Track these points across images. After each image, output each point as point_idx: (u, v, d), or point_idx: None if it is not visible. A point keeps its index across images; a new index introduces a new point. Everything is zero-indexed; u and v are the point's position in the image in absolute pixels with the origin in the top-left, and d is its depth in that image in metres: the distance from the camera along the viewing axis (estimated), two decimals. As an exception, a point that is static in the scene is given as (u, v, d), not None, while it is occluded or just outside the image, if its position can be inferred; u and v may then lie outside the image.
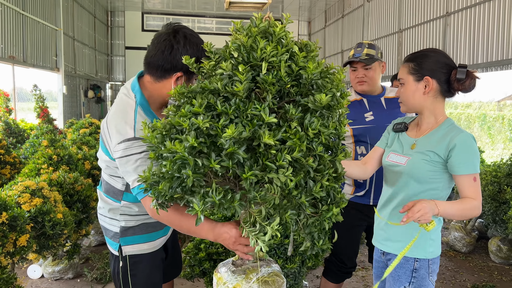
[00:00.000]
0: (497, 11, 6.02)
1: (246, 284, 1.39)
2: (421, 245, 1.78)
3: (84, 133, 5.11)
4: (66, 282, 3.74)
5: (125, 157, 1.59)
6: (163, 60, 1.64)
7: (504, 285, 3.82)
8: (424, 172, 1.74)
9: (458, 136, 1.70)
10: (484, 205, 4.29)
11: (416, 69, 1.76)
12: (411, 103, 1.80)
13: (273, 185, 1.18)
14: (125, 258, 1.84)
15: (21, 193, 2.98)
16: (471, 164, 1.68)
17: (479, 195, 1.69)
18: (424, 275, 1.80)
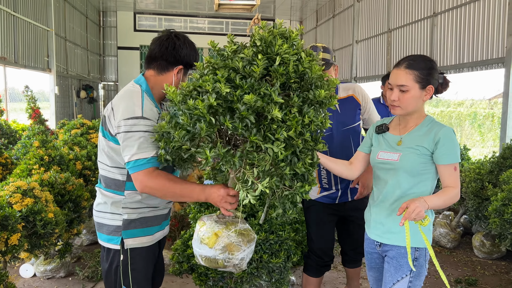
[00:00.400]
0: (482, 12, 6.15)
1: (226, 232, 1.68)
2: (418, 234, 1.92)
3: (75, 133, 5.16)
4: (58, 280, 3.80)
5: (130, 132, 1.75)
6: (167, 55, 1.90)
7: (486, 279, 3.93)
8: (416, 165, 1.91)
9: (442, 130, 1.89)
10: (468, 202, 4.40)
11: (423, 78, 1.90)
12: (412, 108, 1.94)
13: (267, 153, 1.45)
14: (126, 251, 1.91)
15: (12, 193, 3.04)
16: (453, 154, 1.87)
17: (458, 183, 1.89)
18: (422, 263, 1.96)
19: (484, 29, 6.09)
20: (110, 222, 1.93)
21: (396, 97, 1.92)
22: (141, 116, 1.77)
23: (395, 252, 1.99)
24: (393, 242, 1.98)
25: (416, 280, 1.95)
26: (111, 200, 1.92)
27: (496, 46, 5.83)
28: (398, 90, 1.92)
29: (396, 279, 1.96)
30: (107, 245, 1.95)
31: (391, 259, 2.00)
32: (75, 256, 4.21)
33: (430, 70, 1.92)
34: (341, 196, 2.70)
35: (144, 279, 1.98)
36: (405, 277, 1.94)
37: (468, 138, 16.64)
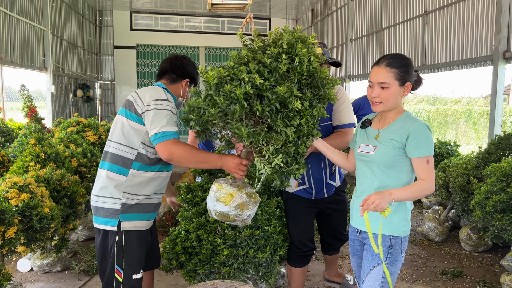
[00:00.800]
0: (471, 11, 6.26)
1: (239, 193, 2.07)
2: (396, 223, 2.05)
3: (71, 131, 5.24)
4: (55, 274, 3.89)
5: (159, 109, 2.12)
6: (176, 70, 2.42)
7: (472, 270, 4.05)
8: (390, 157, 2.01)
9: (413, 125, 2.00)
10: (455, 196, 4.51)
11: (402, 75, 2.01)
12: (392, 104, 2.05)
13: (281, 135, 1.86)
14: (122, 233, 2.14)
15: (9, 188, 3.13)
16: (423, 148, 1.96)
17: (431, 176, 1.97)
18: (398, 251, 2.08)
19: (473, 27, 6.20)
20: (109, 205, 2.16)
21: (377, 94, 2.03)
22: (167, 99, 2.18)
23: (370, 240, 2.09)
24: (368, 229, 2.08)
25: (392, 267, 2.06)
26: (114, 183, 2.15)
27: (485, 44, 5.94)
28: (379, 87, 2.02)
29: (373, 265, 2.07)
30: (104, 227, 2.16)
31: (368, 246, 2.13)
32: (71, 251, 4.30)
33: (407, 67, 2.03)
34: (316, 193, 2.84)
35: (135, 261, 2.18)
36: (380, 263, 2.05)
37: (463, 135, 16.78)
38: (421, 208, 6.32)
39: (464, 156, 5.34)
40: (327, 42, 12.42)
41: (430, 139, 1.99)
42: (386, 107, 2.06)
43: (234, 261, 2.61)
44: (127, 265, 2.16)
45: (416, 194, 1.96)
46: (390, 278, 2.06)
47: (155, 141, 2.08)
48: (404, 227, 2.08)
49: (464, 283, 3.76)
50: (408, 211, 2.11)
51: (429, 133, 2.00)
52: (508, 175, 3.40)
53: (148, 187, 2.23)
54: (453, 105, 20.79)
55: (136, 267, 2.21)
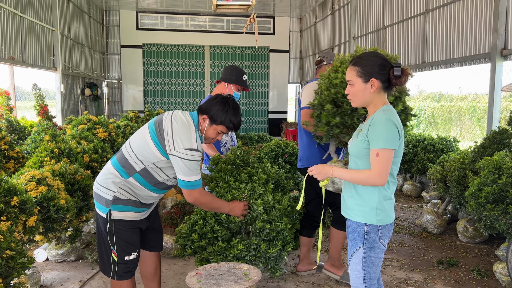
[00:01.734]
0: (470, 9, 6.39)
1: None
2: (368, 213, 2.18)
3: (82, 128, 5.45)
4: (69, 264, 4.11)
5: (188, 160, 2.31)
6: (214, 115, 2.51)
7: (467, 260, 4.21)
8: (359, 149, 2.16)
9: (376, 118, 2.09)
10: (451, 189, 4.67)
11: (363, 72, 2.11)
12: (361, 100, 2.18)
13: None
14: (112, 221, 2.40)
15: (28, 181, 3.35)
16: (376, 140, 2.05)
17: (378, 168, 2.05)
18: (374, 238, 2.18)
19: (472, 25, 6.33)
20: (104, 195, 2.42)
21: (348, 91, 2.21)
22: (196, 149, 2.34)
23: (351, 228, 2.25)
24: (348, 217, 2.26)
25: (371, 252, 2.18)
26: (112, 179, 2.40)
27: (483, 42, 6.08)
28: (349, 85, 2.20)
29: (353, 250, 2.23)
30: (100, 213, 2.45)
31: (349, 233, 2.28)
32: (84, 242, 4.51)
33: (373, 66, 2.11)
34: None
35: (126, 245, 2.44)
36: (359, 249, 2.19)
37: (468, 132, 16.84)
38: (421, 202, 6.48)
39: (462, 151, 5.50)
40: (331, 40, 12.57)
41: (386, 133, 2.03)
42: (356, 103, 2.19)
43: (246, 253, 2.79)
44: (119, 248, 2.43)
45: (355, 179, 2.12)
46: (372, 262, 2.20)
47: (182, 186, 2.37)
48: (377, 216, 2.16)
49: (459, 272, 3.92)
50: (381, 200, 2.16)
51: (388, 126, 2.04)
52: (500, 168, 3.56)
53: (141, 195, 2.47)
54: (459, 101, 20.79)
55: (127, 250, 2.46)
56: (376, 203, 2.17)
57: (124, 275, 2.50)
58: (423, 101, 22.46)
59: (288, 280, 3.74)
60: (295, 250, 4.39)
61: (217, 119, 2.46)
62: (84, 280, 3.73)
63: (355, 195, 2.22)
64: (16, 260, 2.33)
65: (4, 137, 4.96)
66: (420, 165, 6.41)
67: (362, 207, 2.19)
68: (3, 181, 2.82)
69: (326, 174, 2.16)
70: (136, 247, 2.51)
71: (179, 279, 3.74)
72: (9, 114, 6.95)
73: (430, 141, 6.56)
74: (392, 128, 2.05)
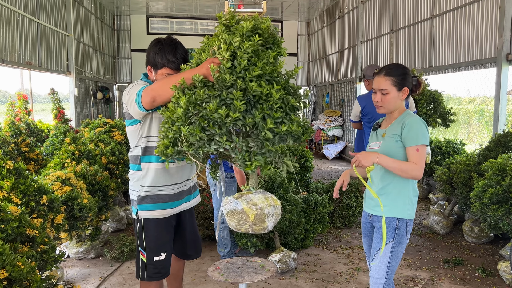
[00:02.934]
0: (476, 15, 6.52)
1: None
2: (401, 207, 2.40)
3: (99, 131, 5.66)
4: (89, 261, 4.30)
5: (131, 89, 2.28)
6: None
7: (473, 260, 4.33)
8: (392, 148, 2.37)
9: (409, 119, 2.34)
10: (457, 191, 4.80)
11: (399, 82, 2.37)
12: (392, 106, 2.41)
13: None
14: (140, 221, 2.47)
15: (53, 181, 3.55)
16: (415, 138, 2.28)
17: (420, 162, 2.26)
18: (403, 233, 2.40)
19: (478, 30, 6.46)
20: (133, 197, 2.52)
21: (379, 98, 2.41)
22: (140, 81, 2.37)
23: (380, 223, 2.42)
24: (379, 213, 2.43)
25: (398, 246, 2.39)
26: (133, 178, 2.51)
27: (489, 47, 6.20)
28: (380, 93, 2.40)
29: (381, 244, 2.40)
30: (132, 215, 2.54)
31: (378, 228, 2.45)
32: (103, 240, 4.71)
33: (404, 75, 2.39)
34: None
35: (155, 245, 2.47)
36: (388, 244, 2.38)
37: (475, 134, 16.86)
38: (428, 203, 6.60)
39: (468, 153, 5.62)
40: (338, 44, 12.72)
41: (422, 130, 2.30)
42: (387, 110, 2.43)
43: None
44: (148, 248, 2.47)
45: (402, 168, 2.24)
46: (397, 256, 2.40)
47: (138, 99, 2.18)
48: (408, 210, 2.39)
49: (464, 270, 4.05)
50: (411, 196, 2.41)
51: (422, 125, 2.32)
52: (504, 169, 3.70)
53: (158, 178, 2.41)
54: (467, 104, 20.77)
55: (156, 250, 2.47)
56: (409, 198, 2.40)
57: (154, 276, 2.48)
58: (431, 104, 22.48)
59: (299, 277, 3.89)
60: (305, 249, 4.56)
61: (157, 63, 2.32)
62: (105, 276, 3.92)
63: (388, 191, 2.39)
64: (49, 254, 2.51)
65: (24, 139, 5.19)
66: (427, 167, 6.53)
67: (395, 202, 2.37)
68: (33, 181, 3.01)
69: (372, 160, 2.23)
70: (165, 247, 2.49)
71: (195, 275, 3.91)
72: (27, 117, 7.20)
73: (437, 143, 6.69)
74: (425, 127, 2.33)
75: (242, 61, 1.78)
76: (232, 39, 1.83)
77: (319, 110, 14.93)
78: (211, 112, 1.75)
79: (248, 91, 1.78)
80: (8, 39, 7.30)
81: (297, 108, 1.88)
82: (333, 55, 13.42)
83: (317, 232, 4.55)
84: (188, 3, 13.62)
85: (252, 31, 1.86)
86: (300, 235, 4.34)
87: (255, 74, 1.77)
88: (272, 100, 1.77)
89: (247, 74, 1.78)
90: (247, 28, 1.82)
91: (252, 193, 2.10)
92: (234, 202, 2.09)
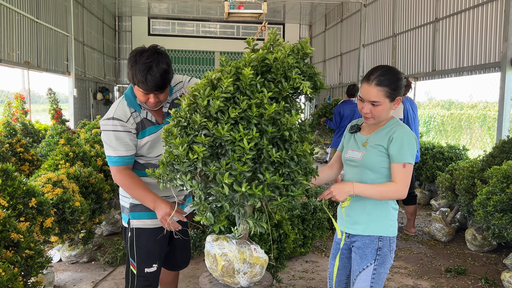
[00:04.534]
0: (480, 19, 6.42)
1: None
2: (383, 224, 2.12)
3: (96, 132, 5.57)
4: (82, 265, 4.20)
5: (103, 131, 2.14)
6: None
7: (475, 269, 4.22)
8: (376, 162, 2.08)
9: (398, 131, 2.06)
10: (460, 198, 4.69)
11: (392, 92, 2.04)
12: (384, 118, 2.12)
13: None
14: (132, 230, 2.33)
15: (44, 183, 3.45)
16: (403, 155, 2.02)
17: (404, 180, 2.02)
18: (386, 253, 2.13)
19: (482, 34, 6.36)
20: (124, 203, 2.38)
21: (368, 109, 2.06)
22: (111, 118, 2.12)
23: (360, 243, 2.15)
24: (359, 232, 2.15)
25: (381, 268, 2.12)
26: None
27: (494, 51, 6.10)
28: (370, 104, 2.05)
29: (362, 267, 2.13)
30: (123, 224, 2.41)
31: (357, 249, 2.17)
32: (96, 244, 4.60)
33: (397, 83, 2.05)
34: None
35: (146, 256, 2.32)
36: (369, 266, 2.11)
37: (478, 140, 16.74)
38: (430, 210, 6.49)
39: (471, 159, 5.51)
40: (340, 47, 12.64)
41: (411, 146, 2.03)
42: (378, 121, 2.12)
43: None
44: (139, 259, 2.32)
45: (382, 193, 2.02)
46: (380, 279, 2.15)
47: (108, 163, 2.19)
48: (390, 227, 2.13)
49: (467, 280, 3.94)
50: (392, 211, 2.15)
51: (412, 141, 2.04)
52: (508, 176, 3.59)
53: (152, 186, 2.27)
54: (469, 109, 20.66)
55: (148, 262, 2.33)
56: (389, 213, 2.15)
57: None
58: (433, 109, 22.38)
59: (296, 285, 3.78)
60: (303, 256, 4.45)
61: (130, 79, 2.09)
62: (97, 281, 3.81)
63: (366, 207, 2.14)
64: (34, 259, 2.41)
65: (19, 140, 5.10)
66: (429, 173, 6.42)
67: (375, 219, 2.12)
68: (22, 183, 2.92)
69: (347, 193, 2.01)
70: (157, 259, 2.36)
71: (189, 281, 3.80)
72: (24, 118, 7.11)
73: (439, 149, 6.58)
74: (414, 142, 2.06)
75: (216, 101, 1.59)
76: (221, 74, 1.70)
77: (320, 113, 14.83)
78: (176, 147, 1.63)
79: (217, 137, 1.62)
80: (7, 38, 7.23)
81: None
82: (335, 58, 13.34)
83: (316, 238, 4.44)
84: (190, 5, 13.57)
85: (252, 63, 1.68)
86: (293, 244, 4.22)
87: (232, 115, 1.58)
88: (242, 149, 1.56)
89: (223, 116, 1.60)
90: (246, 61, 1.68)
91: (228, 241, 1.90)
92: (210, 244, 1.94)
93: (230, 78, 1.63)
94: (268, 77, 1.70)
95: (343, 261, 2.30)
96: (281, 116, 1.62)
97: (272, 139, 1.65)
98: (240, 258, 1.85)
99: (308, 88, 1.66)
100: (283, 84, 1.67)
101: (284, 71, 1.67)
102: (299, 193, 1.66)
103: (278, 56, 1.67)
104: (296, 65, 1.70)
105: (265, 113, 1.59)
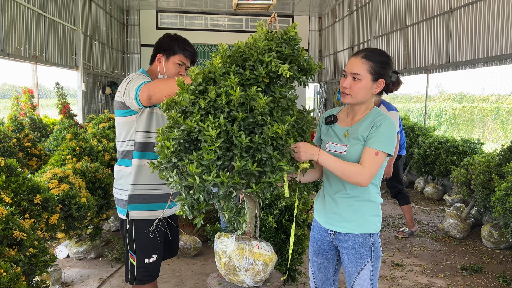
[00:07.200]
0: (497, 8, 6.21)
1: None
2: (371, 221, 2.04)
3: (103, 127, 5.51)
4: (89, 261, 4.15)
5: (131, 81, 2.18)
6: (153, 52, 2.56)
7: (492, 267, 4.09)
8: (359, 155, 1.96)
9: (383, 120, 1.95)
10: (476, 193, 4.54)
11: (376, 70, 1.93)
12: (361, 98, 1.98)
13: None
14: (131, 221, 2.33)
15: (50, 179, 3.39)
16: (380, 142, 1.91)
17: (372, 168, 1.89)
18: (378, 248, 2.07)
19: (499, 24, 6.15)
20: (121, 196, 2.36)
21: (348, 84, 1.96)
22: (137, 75, 2.28)
23: (352, 243, 2.03)
24: (349, 230, 2.03)
25: (376, 263, 2.07)
26: (122, 174, 2.34)
27: (510, 41, 5.90)
28: (351, 78, 1.95)
29: (360, 267, 2.04)
30: (120, 216, 2.40)
31: (349, 250, 2.05)
32: (104, 240, 4.56)
33: (384, 65, 1.96)
34: None
35: (146, 247, 2.35)
36: (367, 264, 2.03)
37: (491, 133, 16.44)
38: (443, 205, 6.34)
39: (487, 153, 5.35)
40: (350, 39, 12.42)
41: (391, 138, 1.94)
42: (354, 100, 1.99)
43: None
44: (138, 250, 2.35)
45: (345, 171, 1.86)
46: (377, 273, 2.08)
47: (136, 95, 2.11)
48: (378, 222, 2.08)
49: (484, 278, 3.81)
50: (377, 205, 2.07)
51: (394, 133, 1.95)
52: (529, 172, 3.44)
53: (153, 176, 2.30)
54: (481, 102, 20.29)
55: (147, 252, 2.36)
56: (377, 209, 2.07)
57: (144, 279, 2.39)
58: (444, 102, 22.04)
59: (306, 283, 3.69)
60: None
61: (173, 49, 2.38)
62: (104, 278, 3.76)
63: (353, 204, 2.03)
64: (38, 258, 2.34)
65: (27, 134, 5.06)
66: (442, 167, 6.26)
67: (365, 217, 2.03)
68: (26, 179, 2.85)
69: (311, 155, 1.81)
70: (156, 249, 2.40)
71: (198, 279, 3.73)
72: (32, 112, 7.08)
73: (453, 143, 6.41)
74: (395, 135, 1.96)
75: (185, 94, 1.64)
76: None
77: (330, 107, 14.67)
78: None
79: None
80: (14, 32, 7.18)
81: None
82: (345, 50, 13.12)
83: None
84: (198, -2, 13.45)
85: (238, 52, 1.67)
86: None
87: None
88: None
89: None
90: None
91: (229, 237, 1.85)
92: (215, 242, 1.90)
93: (203, 70, 1.68)
94: (246, 64, 1.67)
95: (328, 258, 2.19)
96: (256, 102, 1.58)
97: (248, 126, 1.61)
98: (239, 254, 1.79)
99: (287, 71, 1.60)
100: (259, 69, 1.63)
101: (257, 56, 1.64)
102: (276, 179, 1.59)
103: (248, 41, 1.67)
104: (277, 49, 1.67)
105: (233, 100, 1.56)
